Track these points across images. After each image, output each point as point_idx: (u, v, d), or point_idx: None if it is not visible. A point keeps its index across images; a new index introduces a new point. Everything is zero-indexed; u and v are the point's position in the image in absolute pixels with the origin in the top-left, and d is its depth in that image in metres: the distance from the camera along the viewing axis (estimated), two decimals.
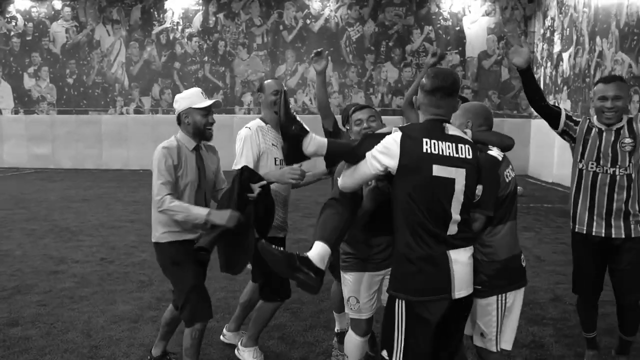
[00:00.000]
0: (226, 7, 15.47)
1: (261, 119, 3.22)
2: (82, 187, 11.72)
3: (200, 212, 2.61)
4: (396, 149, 2.00)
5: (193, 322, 2.72)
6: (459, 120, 2.37)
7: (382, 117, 13.36)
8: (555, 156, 12.62)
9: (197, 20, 15.60)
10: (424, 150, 1.98)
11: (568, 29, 12.94)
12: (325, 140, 2.21)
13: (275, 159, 3.14)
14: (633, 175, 2.73)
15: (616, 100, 2.69)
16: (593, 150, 2.79)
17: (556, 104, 3.00)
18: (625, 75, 10.23)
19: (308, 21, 15.47)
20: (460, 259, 2.04)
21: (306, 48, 15.49)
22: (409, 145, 1.99)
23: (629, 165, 2.72)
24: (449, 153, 2.01)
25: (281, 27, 15.50)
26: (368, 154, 2.09)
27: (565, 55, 13.13)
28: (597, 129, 2.81)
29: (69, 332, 3.74)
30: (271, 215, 2.89)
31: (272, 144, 3.13)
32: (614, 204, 2.74)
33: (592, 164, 2.79)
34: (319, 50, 3.19)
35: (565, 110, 2.95)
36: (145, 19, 15.81)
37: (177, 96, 2.83)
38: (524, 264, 2.39)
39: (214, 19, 15.56)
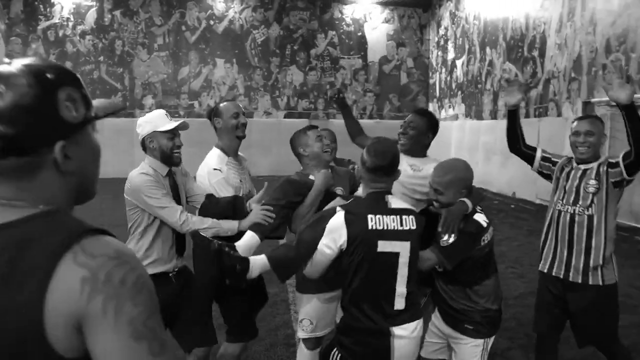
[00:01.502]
0: (123, 4, 14.61)
1: (220, 149, 2.82)
2: None
3: (231, 225, 2.50)
4: (343, 228, 2.02)
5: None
6: (453, 190, 2.32)
7: (288, 119, 13.58)
8: (453, 155, 13.54)
9: (91, 16, 14.56)
10: (370, 227, 2.00)
11: (460, 39, 13.95)
12: (265, 258, 2.18)
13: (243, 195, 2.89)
14: (595, 219, 2.61)
15: (588, 135, 2.63)
16: (561, 188, 2.75)
17: (532, 145, 2.98)
18: None
19: (212, 22, 15.11)
20: (405, 335, 2.05)
21: (210, 50, 15.14)
22: (354, 222, 2.02)
23: (590, 206, 2.61)
24: (394, 227, 2.04)
25: (183, 28, 14.98)
26: (320, 246, 2.09)
27: (458, 63, 14.15)
28: (568, 169, 2.77)
29: None
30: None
31: (240, 181, 2.83)
32: (574, 246, 2.65)
33: (559, 202, 2.74)
34: (337, 90, 3.16)
35: (542, 151, 2.93)
36: (29, 12, 14.42)
37: (140, 120, 2.62)
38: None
39: (109, 16, 14.63)
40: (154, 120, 2.58)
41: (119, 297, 0.76)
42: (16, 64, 0.82)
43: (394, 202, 2.12)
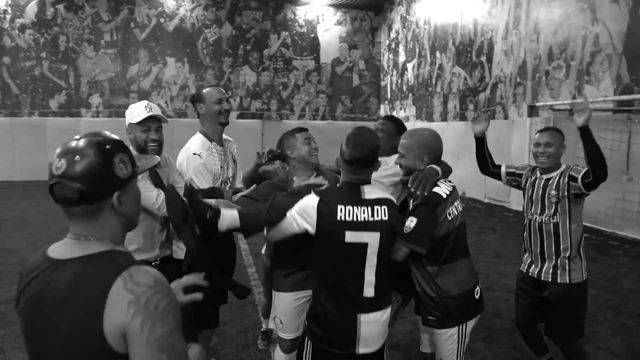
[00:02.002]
0: None
1: (204, 134, 2.85)
2: None
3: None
4: (314, 215, 2.06)
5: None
6: (413, 154, 2.36)
7: (241, 120, 13.52)
8: None
9: (31, 10, 13.85)
10: (338, 218, 2.02)
11: (411, 42, 14.34)
12: (236, 213, 2.20)
13: (222, 182, 2.90)
14: (560, 225, 2.83)
15: (547, 146, 2.84)
16: (528, 199, 2.98)
17: (498, 164, 3.18)
18: (461, 87, 11.71)
19: (162, 20, 14.76)
20: (371, 321, 2.08)
21: (160, 48, 14.79)
22: (324, 212, 2.04)
23: (554, 215, 2.83)
24: (364, 218, 2.05)
25: (132, 25, 14.54)
26: (289, 214, 2.14)
27: (409, 66, 14.53)
28: (532, 179, 2.98)
29: None
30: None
31: (220, 167, 2.86)
32: (545, 250, 2.88)
33: (529, 212, 2.97)
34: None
35: (506, 167, 3.14)
36: None
37: (126, 112, 2.61)
38: (477, 296, 2.37)
39: (52, 10, 13.98)
40: (132, 112, 2.57)
41: (153, 319, 1.07)
42: (85, 139, 1.17)
43: (370, 192, 2.12)
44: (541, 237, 2.89)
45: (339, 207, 2.04)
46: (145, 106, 2.56)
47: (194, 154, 2.73)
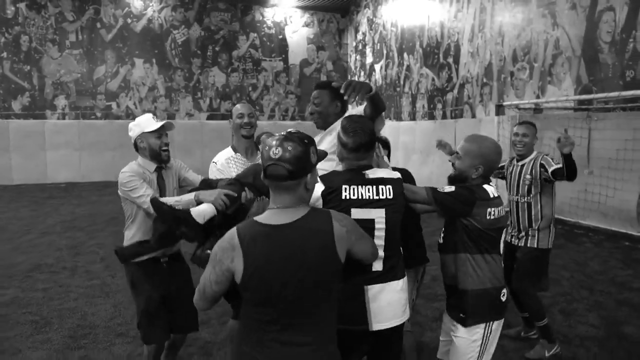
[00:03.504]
0: None
1: (232, 147, 3.10)
2: None
3: (189, 197, 2.56)
4: (320, 204, 2.11)
5: (146, 342, 2.81)
6: (470, 160, 2.34)
7: (211, 121, 13.64)
8: None
9: None
10: (343, 197, 2.08)
11: (378, 44, 14.75)
12: (210, 206, 2.39)
13: None
14: (533, 204, 3.54)
15: (524, 137, 3.58)
16: (508, 183, 3.70)
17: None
18: (429, 87, 12.19)
19: (129, 20, 14.59)
20: (379, 292, 2.09)
21: (128, 49, 14.62)
22: (330, 194, 2.10)
23: (528, 195, 3.56)
24: (369, 196, 2.09)
25: (99, 25, 14.31)
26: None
27: (377, 67, 14.94)
28: (511, 168, 3.69)
29: None
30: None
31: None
32: (520, 223, 3.60)
33: (509, 194, 3.69)
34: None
35: None
36: None
37: (130, 124, 2.83)
38: (503, 299, 2.35)
39: (13, 8, 13.59)
40: (142, 123, 2.81)
41: (356, 233, 1.78)
42: (292, 135, 1.66)
43: (373, 173, 2.16)
44: (517, 213, 3.61)
45: (344, 187, 2.08)
46: (152, 117, 2.84)
47: (213, 162, 3.05)
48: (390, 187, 2.14)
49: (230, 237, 1.66)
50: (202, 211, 2.37)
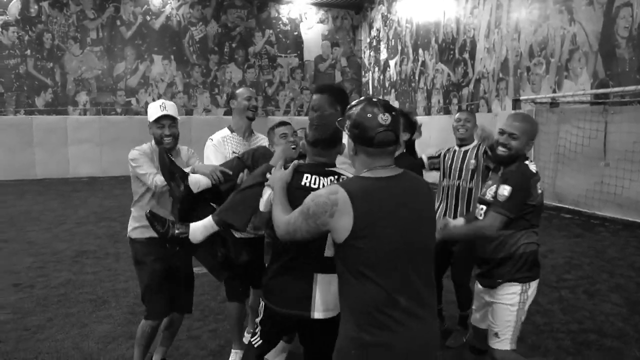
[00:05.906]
0: None
1: (229, 127, 3.28)
2: None
3: (188, 169, 2.66)
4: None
5: (147, 318, 2.93)
6: (527, 138, 2.46)
7: (228, 117, 13.75)
8: None
9: (14, 7, 13.74)
10: (302, 183, 2.05)
11: (393, 40, 14.97)
12: (204, 178, 2.51)
13: None
14: (474, 189, 3.44)
15: (466, 122, 3.57)
16: (448, 169, 3.61)
17: (419, 156, 3.70)
18: (444, 82, 12.40)
19: (148, 18, 14.90)
20: (329, 282, 2.03)
21: (147, 46, 14.93)
22: (292, 179, 2.09)
23: (470, 180, 3.47)
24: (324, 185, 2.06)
25: (118, 23, 14.63)
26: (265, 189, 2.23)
27: (391, 63, 15.17)
28: (450, 154, 3.64)
29: None
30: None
31: (232, 152, 3.17)
32: (458, 210, 3.48)
33: (446, 179, 3.62)
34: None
35: (425, 156, 3.77)
36: None
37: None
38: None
39: (36, 7, 13.91)
40: (150, 112, 2.90)
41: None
42: (387, 103, 1.74)
43: (333, 168, 2.15)
44: (456, 199, 3.52)
45: (305, 175, 2.07)
46: (160, 105, 2.85)
47: (209, 138, 3.24)
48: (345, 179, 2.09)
49: (329, 192, 1.67)
50: (198, 180, 2.48)
